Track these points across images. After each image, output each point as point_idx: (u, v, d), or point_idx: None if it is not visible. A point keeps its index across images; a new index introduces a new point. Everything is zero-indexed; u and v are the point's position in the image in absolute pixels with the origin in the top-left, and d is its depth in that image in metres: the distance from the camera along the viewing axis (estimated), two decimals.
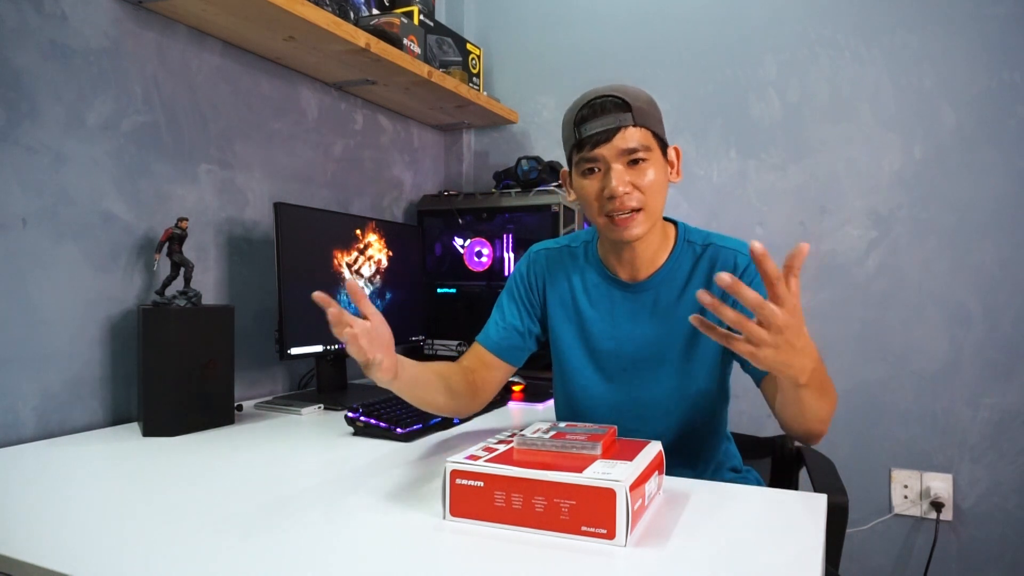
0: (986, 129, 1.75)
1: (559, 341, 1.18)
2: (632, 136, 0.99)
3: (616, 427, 0.87)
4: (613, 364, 1.13)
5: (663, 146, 1.05)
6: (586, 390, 1.17)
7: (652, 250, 1.09)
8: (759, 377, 1.03)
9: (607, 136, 0.99)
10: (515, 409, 1.50)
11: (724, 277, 0.68)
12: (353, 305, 0.86)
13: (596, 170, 1.02)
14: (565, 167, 1.11)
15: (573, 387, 1.18)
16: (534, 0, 2.28)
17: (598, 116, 0.99)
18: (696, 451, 1.14)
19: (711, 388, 1.11)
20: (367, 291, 1.67)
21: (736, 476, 1.17)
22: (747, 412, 1.87)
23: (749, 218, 1.99)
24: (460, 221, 2.03)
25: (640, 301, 1.11)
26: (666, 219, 1.13)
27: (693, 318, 0.75)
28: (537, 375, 1.24)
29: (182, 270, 1.27)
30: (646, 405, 1.12)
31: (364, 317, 0.84)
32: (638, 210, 1.01)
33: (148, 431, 1.17)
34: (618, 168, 0.99)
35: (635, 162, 1.00)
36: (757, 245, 0.69)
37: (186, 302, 1.24)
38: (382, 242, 1.74)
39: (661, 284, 1.10)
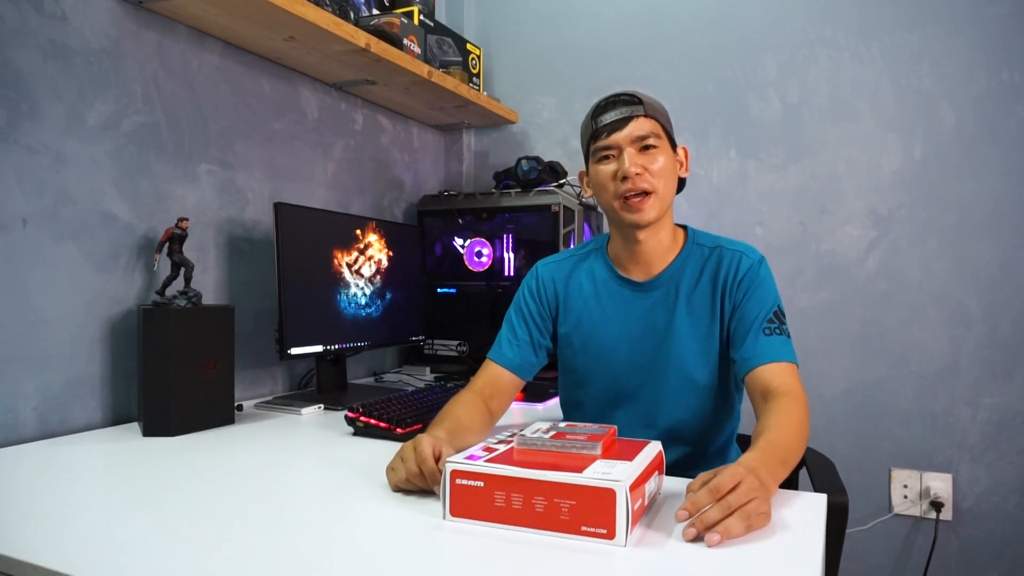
0: (986, 129, 1.75)
1: (571, 346, 1.20)
2: (643, 125, 1.08)
3: (616, 427, 0.87)
4: (626, 362, 1.16)
5: (672, 142, 1.13)
6: (598, 389, 1.18)
7: (663, 248, 1.15)
8: (743, 374, 1.06)
9: (621, 124, 1.08)
10: (515, 409, 1.50)
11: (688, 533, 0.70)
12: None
13: (610, 157, 1.10)
14: (582, 168, 1.18)
15: (584, 388, 1.20)
16: (534, 0, 2.28)
17: (613, 108, 1.09)
18: (705, 455, 1.16)
19: (720, 385, 1.14)
20: (368, 290, 1.67)
21: None
22: (747, 411, 1.87)
23: (749, 218, 1.99)
24: (460, 221, 2.03)
25: (652, 299, 1.15)
26: (678, 225, 1.19)
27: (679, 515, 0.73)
28: (537, 375, 1.24)
29: (182, 270, 1.27)
30: (657, 403, 1.14)
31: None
32: (649, 193, 1.08)
33: (148, 431, 1.17)
34: (631, 151, 1.08)
35: (646, 148, 1.09)
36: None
37: (186, 302, 1.24)
38: (382, 242, 1.74)
39: (671, 281, 1.15)
